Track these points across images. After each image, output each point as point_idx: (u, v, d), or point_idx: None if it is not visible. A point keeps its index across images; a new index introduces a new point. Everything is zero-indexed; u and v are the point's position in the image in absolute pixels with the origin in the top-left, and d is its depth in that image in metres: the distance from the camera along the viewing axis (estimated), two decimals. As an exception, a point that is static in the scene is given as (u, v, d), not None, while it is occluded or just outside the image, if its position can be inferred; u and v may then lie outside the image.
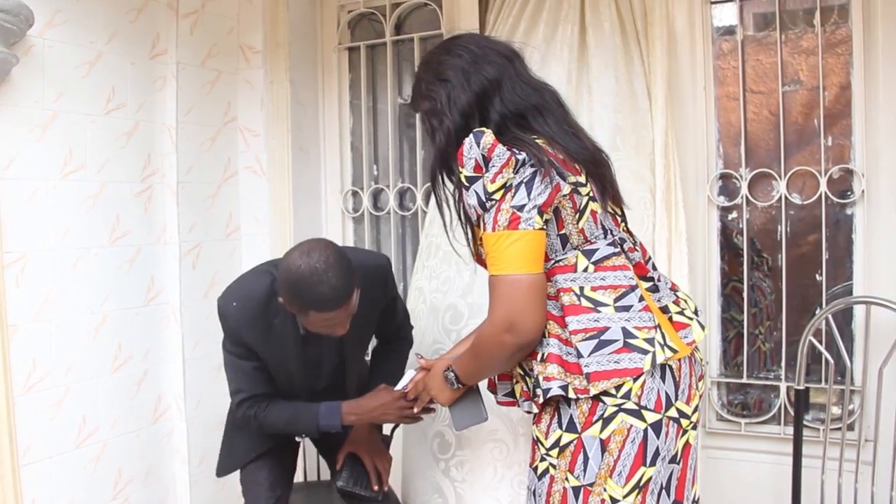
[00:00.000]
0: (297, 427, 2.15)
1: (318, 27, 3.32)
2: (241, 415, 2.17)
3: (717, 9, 2.70)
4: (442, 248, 2.54)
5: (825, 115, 2.53)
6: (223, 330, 2.13)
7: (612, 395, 1.58)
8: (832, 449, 2.37)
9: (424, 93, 1.74)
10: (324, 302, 1.87)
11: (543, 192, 1.58)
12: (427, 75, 1.75)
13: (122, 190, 2.71)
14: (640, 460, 1.59)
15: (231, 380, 2.18)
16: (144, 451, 2.80)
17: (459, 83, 1.69)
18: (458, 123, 1.67)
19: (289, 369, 2.15)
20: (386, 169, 3.29)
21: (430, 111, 1.73)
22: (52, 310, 2.47)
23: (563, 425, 1.63)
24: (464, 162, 1.60)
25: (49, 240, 2.46)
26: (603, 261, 1.66)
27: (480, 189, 1.59)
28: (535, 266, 1.58)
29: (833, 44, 2.55)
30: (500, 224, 1.57)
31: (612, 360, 1.58)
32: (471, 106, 1.68)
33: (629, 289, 1.64)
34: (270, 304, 2.06)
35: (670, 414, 1.61)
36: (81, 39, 2.54)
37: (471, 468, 2.31)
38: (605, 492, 1.60)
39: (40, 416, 2.43)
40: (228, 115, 3.12)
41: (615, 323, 1.61)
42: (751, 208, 2.66)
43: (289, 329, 2.10)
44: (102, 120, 2.63)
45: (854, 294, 2.50)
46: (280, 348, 2.11)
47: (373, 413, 2.11)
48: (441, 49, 1.78)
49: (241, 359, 2.12)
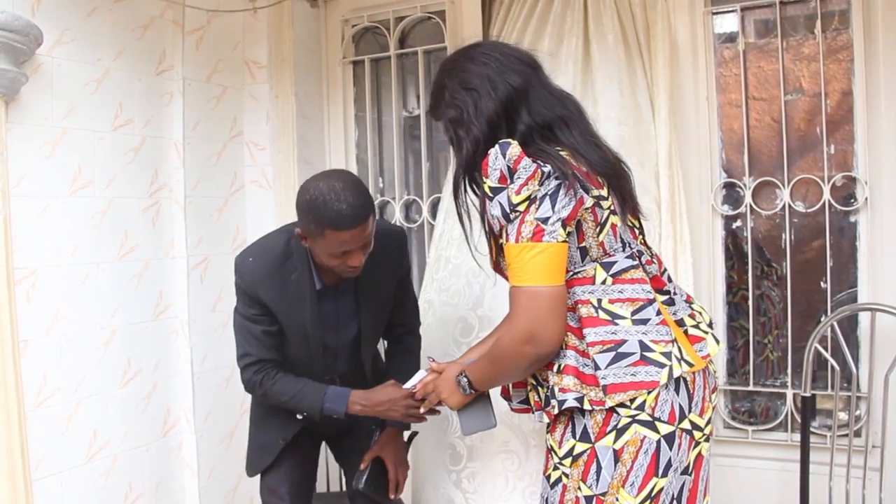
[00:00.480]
0: (302, 403, 2.12)
1: (323, 42, 3.35)
2: (246, 379, 2.15)
3: (718, 17, 2.72)
4: (452, 261, 2.55)
5: (827, 122, 2.54)
6: (237, 289, 2.13)
7: (626, 406, 1.59)
8: (839, 455, 2.37)
9: (449, 101, 1.73)
10: (341, 218, 1.88)
11: (567, 205, 1.59)
12: (451, 83, 1.73)
13: (130, 205, 2.73)
14: (652, 471, 1.60)
15: (239, 344, 2.16)
16: (154, 464, 2.82)
17: (486, 92, 1.68)
18: (486, 133, 1.67)
19: (304, 329, 2.13)
20: (392, 181, 3.31)
21: (455, 120, 1.72)
22: (62, 325, 2.48)
23: (576, 435, 1.65)
24: (488, 172, 1.60)
25: (59, 256, 2.48)
26: (621, 273, 1.67)
27: (505, 200, 1.59)
28: (557, 278, 1.59)
29: (834, 50, 2.57)
30: (523, 236, 1.58)
31: (628, 372, 1.59)
32: (498, 115, 1.68)
33: (647, 302, 1.65)
34: (287, 260, 2.09)
35: (683, 426, 1.62)
36: (89, 57, 2.57)
37: (482, 480, 2.32)
38: (618, 502, 1.61)
39: (51, 431, 2.45)
40: (234, 130, 3.14)
41: (632, 336, 1.62)
42: (755, 217, 2.67)
43: (305, 285, 2.10)
44: (110, 136, 2.65)
45: (859, 301, 2.51)
46: (295, 304, 2.10)
47: (379, 407, 2.10)
48: (464, 56, 1.76)
49: (252, 322, 2.11)
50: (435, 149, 3.27)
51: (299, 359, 2.18)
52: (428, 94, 3.18)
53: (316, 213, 1.90)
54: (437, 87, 1.78)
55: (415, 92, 3.28)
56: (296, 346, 2.16)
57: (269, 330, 2.12)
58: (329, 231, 1.89)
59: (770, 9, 2.63)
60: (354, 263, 1.97)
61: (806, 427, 2.39)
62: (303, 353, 2.17)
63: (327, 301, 2.15)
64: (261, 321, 2.11)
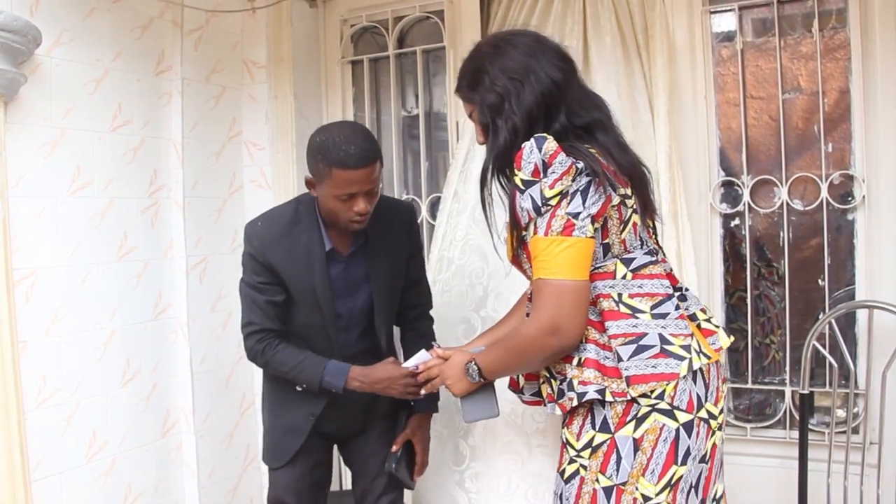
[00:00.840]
0: (301, 375, 2.13)
1: (322, 42, 3.35)
2: (249, 347, 2.17)
3: (716, 16, 2.72)
4: (455, 262, 2.55)
5: (825, 120, 2.55)
6: (245, 258, 2.16)
7: (646, 396, 1.63)
8: (837, 452, 2.38)
9: (489, 86, 1.73)
10: (349, 157, 1.95)
11: (597, 202, 1.62)
12: (492, 68, 1.73)
13: (129, 206, 2.73)
14: (671, 459, 1.63)
15: (245, 313, 2.18)
16: (154, 464, 2.82)
17: (529, 83, 1.70)
18: (524, 125, 1.69)
19: (315, 293, 2.13)
20: (390, 181, 3.31)
21: (494, 107, 1.72)
22: (61, 326, 2.48)
23: (596, 426, 1.68)
24: (522, 165, 1.63)
25: (58, 256, 2.48)
26: (640, 269, 1.71)
27: (537, 193, 1.62)
28: (583, 273, 1.62)
29: (832, 48, 2.57)
30: (553, 229, 1.61)
31: (649, 364, 1.63)
32: (538, 108, 1.69)
33: (666, 297, 1.70)
34: (296, 225, 2.13)
35: (701, 415, 1.66)
36: (88, 57, 2.57)
37: (485, 480, 2.32)
38: (638, 490, 1.64)
39: (51, 432, 2.45)
40: (233, 130, 3.15)
41: (652, 329, 1.66)
42: (753, 215, 2.67)
43: (314, 247, 2.13)
44: (109, 136, 2.65)
45: (856, 298, 2.51)
46: (305, 267, 2.12)
47: (378, 385, 2.11)
48: (507, 43, 1.77)
49: (257, 291, 2.13)
50: (434, 148, 3.27)
51: (312, 329, 2.17)
52: (426, 93, 3.21)
53: (325, 152, 1.97)
54: (475, 70, 1.78)
55: (413, 92, 3.29)
56: (307, 314, 2.16)
57: (273, 300, 2.13)
58: (336, 170, 1.96)
59: (768, 8, 2.63)
60: (360, 209, 2.01)
61: (804, 424, 2.40)
62: (315, 321, 2.16)
63: (337, 264, 2.16)
64: (266, 290, 2.13)
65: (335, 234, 2.15)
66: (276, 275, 2.12)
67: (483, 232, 2.49)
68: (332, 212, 2.06)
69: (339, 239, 2.16)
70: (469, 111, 1.83)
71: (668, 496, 1.64)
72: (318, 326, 2.18)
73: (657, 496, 1.63)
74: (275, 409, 2.32)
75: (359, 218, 2.04)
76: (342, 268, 2.17)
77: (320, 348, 2.17)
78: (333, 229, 2.14)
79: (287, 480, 2.28)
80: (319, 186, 2.04)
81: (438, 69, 3.23)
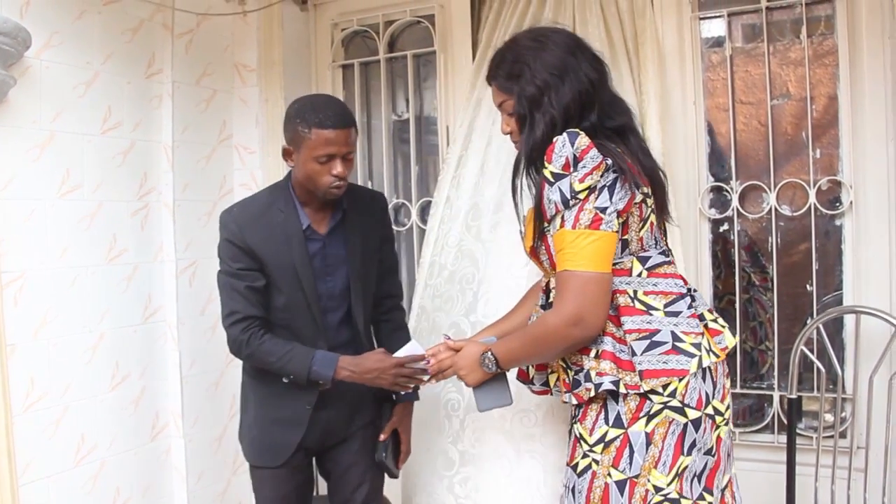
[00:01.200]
0: (289, 366, 2.08)
1: (312, 45, 3.36)
2: (233, 338, 2.12)
3: (705, 22, 2.73)
4: (447, 267, 2.56)
5: (813, 126, 2.57)
6: (223, 245, 2.14)
7: (659, 393, 1.69)
8: (825, 456, 2.40)
9: (529, 79, 1.77)
10: (328, 118, 2.02)
11: (623, 198, 1.69)
12: (535, 62, 1.78)
13: (119, 209, 2.73)
14: (679, 450, 1.70)
15: (225, 303, 2.14)
16: (143, 468, 2.81)
17: (568, 80, 1.76)
18: (560, 120, 1.74)
19: (295, 271, 2.12)
20: (380, 185, 3.31)
21: (534, 100, 1.77)
22: (49, 329, 2.48)
23: (609, 421, 1.73)
24: (553, 158, 1.69)
25: (47, 259, 2.47)
26: (655, 268, 1.78)
27: (566, 187, 1.67)
28: (607, 266, 1.69)
29: (820, 55, 2.59)
30: (581, 222, 1.67)
31: (661, 360, 1.69)
32: (575, 105, 1.75)
33: (679, 296, 1.76)
34: (271, 206, 2.14)
35: (708, 411, 1.73)
36: (78, 60, 2.56)
37: (474, 485, 2.32)
38: (650, 482, 1.70)
39: (39, 435, 2.44)
40: (224, 133, 3.14)
41: (665, 326, 1.72)
42: (741, 220, 2.68)
43: (292, 225, 2.13)
44: (99, 139, 2.65)
45: (844, 303, 2.53)
46: (284, 246, 2.12)
47: (367, 375, 2.09)
48: (550, 39, 1.82)
49: (236, 278, 2.11)
50: (424, 153, 3.28)
51: (296, 312, 2.15)
52: (417, 98, 3.22)
53: (303, 115, 2.04)
54: (515, 61, 1.82)
55: (404, 96, 3.29)
56: (290, 294, 2.14)
57: (254, 286, 2.10)
58: (317, 130, 2.01)
59: (757, 14, 2.65)
60: (338, 171, 2.05)
61: (792, 429, 2.41)
62: (298, 300, 2.14)
63: (315, 242, 2.17)
64: (246, 276, 2.11)
65: (311, 211, 2.16)
66: (255, 258, 2.10)
67: (476, 238, 2.50)
68: (310, 177, 2.07)
69: (316, 217, 2.17)
70: (501, 100, 1.88)
71: (676, 485, 1.71)
72: (301, 307, 2.15)
73: (668, 486, 1.70)
74: (265, 403, 2.23)
75: (338, 182, 2.07)
76: (320, 246, 2.17)
77: (305, 333, 2.15)
78: (309, 207, 2.16)
79: (276, 482, 2.24)
80: (297, 153, 2.07)
81: (429, 73, 3.23)
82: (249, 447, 2.27)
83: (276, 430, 2.20)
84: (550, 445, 2.25)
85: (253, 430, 2.25)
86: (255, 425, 2.24)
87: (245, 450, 2.29)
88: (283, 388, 2.15)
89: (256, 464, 2.25)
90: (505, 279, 2.39)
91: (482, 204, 2.54)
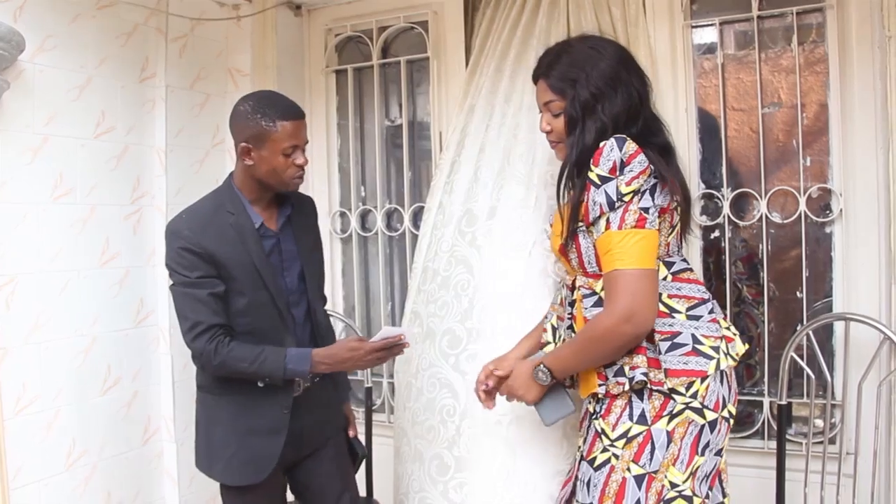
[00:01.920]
0: (263, 366, 2.03)
1: (306, 50, 3.36)
2: (199, 350, 2.04)
3: (697, 30, 2.74)
4: (441, 273, 2.55)
5: (804, 133, 2.58)
6: (174, 257, 2.06)
7: (681, 393, 1.78)
8: (814, 462, 2.41)
9: (585, 84, 1.86)
10: (289, 109, 2.08)
11: (663, 201, 1.80)
12: (593, 69, 1.86)
13: (112, 213, 2.73)
14: (694, 450, 1.79)
15: (185, 317, 2.05)
16: (134, 473, 2.81)
17: (621, 91, 1.86)
18: (611, 128, 1.83)
19: (255, 269, 2.09)
20: (373, 190, 3.32)
21: (587, 105, 1.86)
22: (42, 332, 2.48)
23: (633, 417, 1.81)
24: (600, 162, 1.77)
25: (39, 263, 2.47)
26: (679, 273, 1.86)
27: (612, 190, 1.76)
28: (654, 262, 1.77)
29: (812, 62, 2.60)
30: (627, 223, 1.75)
31: (682, 361, 1.78)
32: (623, 116, 1.84)
33: (701, 301, 1.84)
34: (218, 209, 2.12)
35: (724, 414, 1.83)
36: (72, 64, 2.57)
37: (470, 490, 2.32)
38: (667, 478, 1.77)
39: (30, 439, 2.44)
40: (217, 138, 3.15)
41: (686, 329, 1.81)
42: (732, 227, 2.70)
43: (244, 224, 2.11)
44: (92, 143, 2.65)
45: (834, 310, 2.54)
46: (241, 245, 2.08)
47: (345, 364, 2.10)
48: (602, 48, 1.92)
49: (195, 287, 2.04)
50: (417, 158, 3.28)
51: (261, 310, 2.11)
52: (410, 103, 3.22)
53: (265, 110, 2.05)
54: (572, 64, 1.90)
55: (397, 101, 3.30)
56: (253, 293, 2.09)
57: (214, 293, 2.04)
58: (281, 122, 2.04)
59: (748, 22, 2.66)
60: (301, 161, 2.10)
61: (782, 434, 2.43)
62: (263, 298, 2.11)
63: (269, 239, 2.16)
64: (205, 283, 2.04)
65: (260, 210, 2.16)
66: (212, 263, 2.05)
67: (470, 244, 2.51)
68: (275, 171, 2.08)
69: (265, 214, 2.17)
70: (548, 99, 1.94)
71: (690, 483, 1.79)
72: (266, 305, 2.12)
73: (683, 483, 1.78)
74: (239, 415, 2.13)
75: (300, 172, 2.12)
76: (274, 242, 2.17)
77: (270, 334, 2.11)
78: (258, 205, 2.15)
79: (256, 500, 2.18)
80: (259, 149, 2.06)
81: (422, 79, 3.24)
82: (226, 467, 2.14)
83: (256, 442, 2.12)
84: (547, 450, 2.25)
85: (229, 448, 2.13)
86: (231, 442, 2.13)
87: (219, 472, 2.17)
88: (258, 396, 2.10)
89: (237, 483, 2.15)
90: (501, 285, 2.39)
91: (476, 210, 2.54)
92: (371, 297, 3.43)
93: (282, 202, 2.22)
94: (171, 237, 2.08)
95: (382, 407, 3.26)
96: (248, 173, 2.12)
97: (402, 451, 2.54)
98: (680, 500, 1.79)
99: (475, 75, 2.78)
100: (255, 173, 2.10)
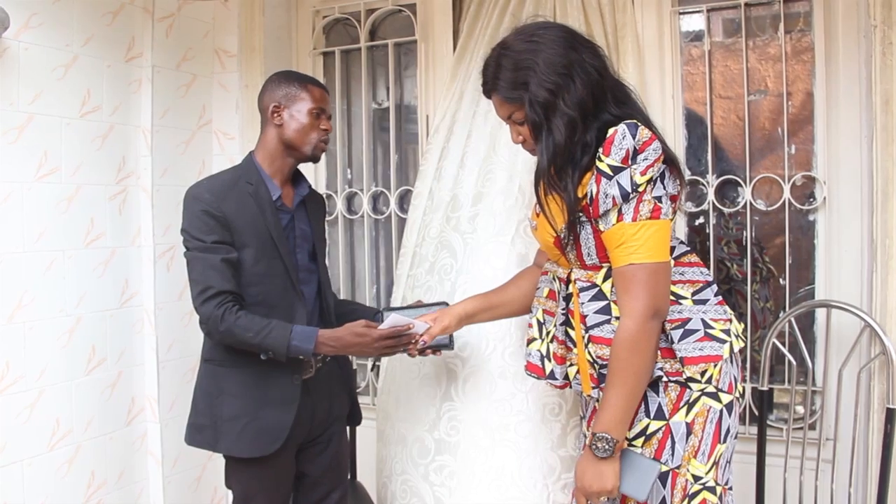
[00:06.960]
0: (267, 339, 2.02)
1: (293, 32, 3.34)
2: (207, 314, 2.04)
3: (685, 17, 2.75)
4: (428, 259, 2.56)
5: (789, 121, 2.59)
6: (192, 220, 2.08)
7: (697, 380, 1.72)
8: (795, 448, 2.43)
9: (538, 83, 1.71)
10: (317, 80, 2.27)
11: (673, 188, 1.74)
12: (538, 64, 1.71)
13: (97, 192, 2.72)
14: (717, 438, 1.73)
15: (197, 280, 2.07)
16: (118, 453, 2.81)
17: (577, 76, 1.71)
18: (580, 117, 1.71)
19: (271, 239, 2.12)
20: (360, 173, 3.32)
21: (547, 104, 1.72)
22: (26, 312, 2.47)
23: (650, 413, 1.73)
24: (612, 151, 1.66)
25: (24, 242, 2.46)
26: (681, 257, 1.80)
27: (626, 180, 1.65)
28: (668, 254, 1.70)
29: (799, 51, 2.61)
30: (641, 214, 1.66)
31: (696, 347, 1.71)
32: (589, 99, 1.72)
33: (705, 284, 1.79)
34: (239, 180, 2.16)
35: (737, 395, 1.79)
36: (57, 42, 2.55)
37: (450, 472, 2.34)
38: (689, 472, 1.71)
39: (13, 419, 2.43)
40: (203, 119, 3.13)
41: (695, 314, 1.75)
42: (717, 214, 2.71)
43: (262, 195, 2.15)
44: (78, 122, 2.63)
45: (816, 297, 2.56)
46: (259, 215, 2.12)
47: (351, 349, 2.09)
48: (540, 37, 1.75)
49: (210, 252, 2.06)
50: (404, 141, 3.28)
51: (274, 280, 2.13)
52: (398, 86, 3.22)
53: (291, 80, 2.22)
54: (516, 68, 1.75)
55: (384, 84, 3.29)
56: (267, 262, 2.12)
57: (228, 258, 2.06)
58: (311, 86, 2.21)
59: (735, 9, 2.67)
60: (327, 126, 2.22)
61: (763, 420, 2.45)
62: (276, 268, 2.13)
63: (285, 214, 2.21)
64: (220, 248, 2.06)
65: (279, 183, 2.21)
66: (229, 229, 2.07)
67: (454, 229, 2.52)
68: (303, 131, 2.18)
69: (283, 190, 2.21)
70: (508, 112, 1.81)
71: (714, 474, 1.73)
72: (279, 275, 2.14)
73: (706, 475, 1.72)
74: (251, 386, 2.13)
75: (325, 137, 2.23)
76: (289, 219, 2.22)
77: (281, 305, 2.13)
78: (276, 178, 2.20)
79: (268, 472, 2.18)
80: (290, 108, 2.18)
81: (410, 62, 3.23)
82: (238, 439, 2.12)
83: (268, 413, 2.12)
84: (524, 435, 2.27)
85: (240, 420, 2.11)
86: (241, 414, 2.11)
87: (229, 445, 2.14)
88: (269, 368, 2.10)
89: (249, 454, 2.12)
90: (483, 269, 2.40)
91: (461, 195, 2.55)
92: (357, 279, 3.43)
93: (298, 183, 2.28)
94: (191, 201, 2.11)
95: (367, 390, 3.28)
96: (275, 137, 2.20)
97: (385, 433, 2.56)
98: (705, 493, 1.72)
99: (463, 60, 2.78)
100: (282, 135, 2.18)
